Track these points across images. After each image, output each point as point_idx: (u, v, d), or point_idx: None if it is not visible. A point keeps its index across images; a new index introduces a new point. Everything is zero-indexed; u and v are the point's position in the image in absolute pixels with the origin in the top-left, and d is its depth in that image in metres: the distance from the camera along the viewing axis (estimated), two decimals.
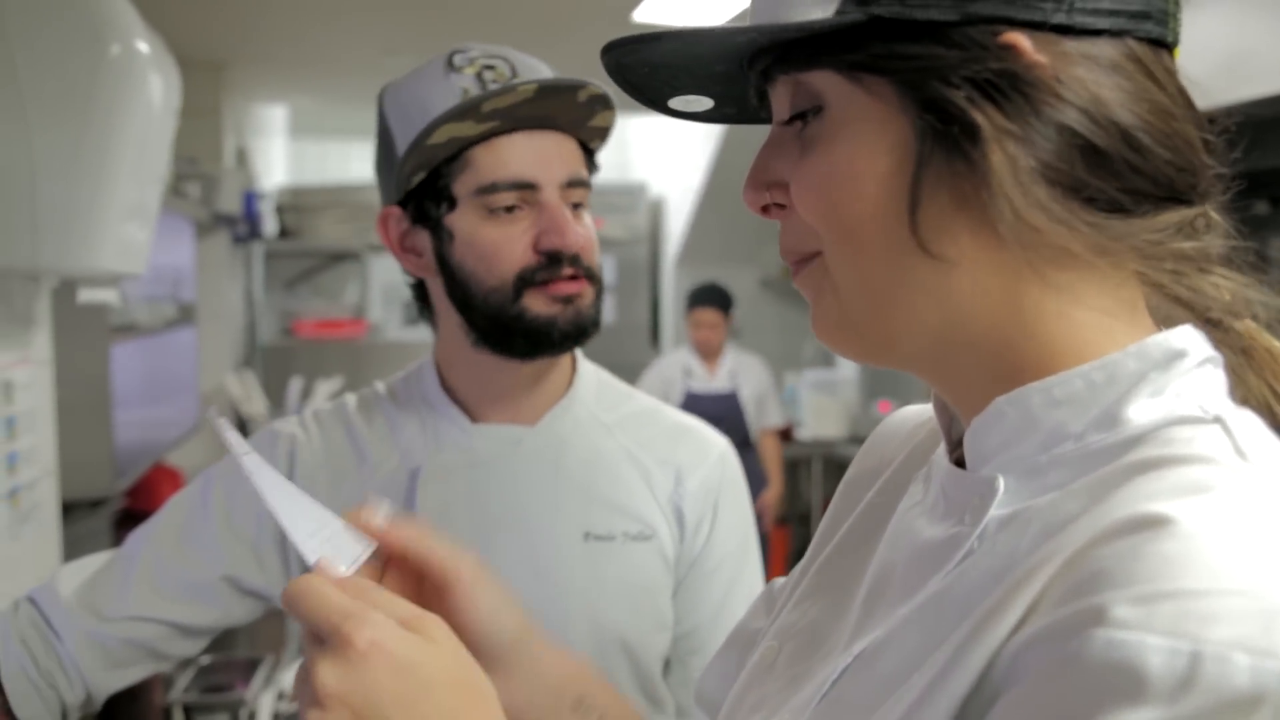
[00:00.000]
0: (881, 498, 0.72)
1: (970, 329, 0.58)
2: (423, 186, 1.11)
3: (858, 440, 4.92)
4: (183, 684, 2.21)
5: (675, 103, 0.67)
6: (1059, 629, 0.46)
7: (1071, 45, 0.55)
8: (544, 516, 1.14)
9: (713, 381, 4.45)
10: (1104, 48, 0.55)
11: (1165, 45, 0.57)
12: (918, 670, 0.53)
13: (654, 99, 0.66)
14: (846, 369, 5.46)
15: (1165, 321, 0.58)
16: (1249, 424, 0.54)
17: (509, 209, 1.08)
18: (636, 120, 6.67)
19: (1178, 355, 0.55)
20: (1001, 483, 0.57)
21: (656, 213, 6.60)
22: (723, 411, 4.42)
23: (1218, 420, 0.53)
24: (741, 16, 0.64)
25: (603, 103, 1.10)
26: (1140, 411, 0.54)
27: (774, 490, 4.53)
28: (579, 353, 1.23)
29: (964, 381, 0.60)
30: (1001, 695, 0.48)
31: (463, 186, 1.09)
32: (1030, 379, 0.57)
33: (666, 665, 1.18)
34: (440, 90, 1.08)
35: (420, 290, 1.19)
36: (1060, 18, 0.54)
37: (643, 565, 1.15)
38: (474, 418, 1.17)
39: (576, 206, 1.12)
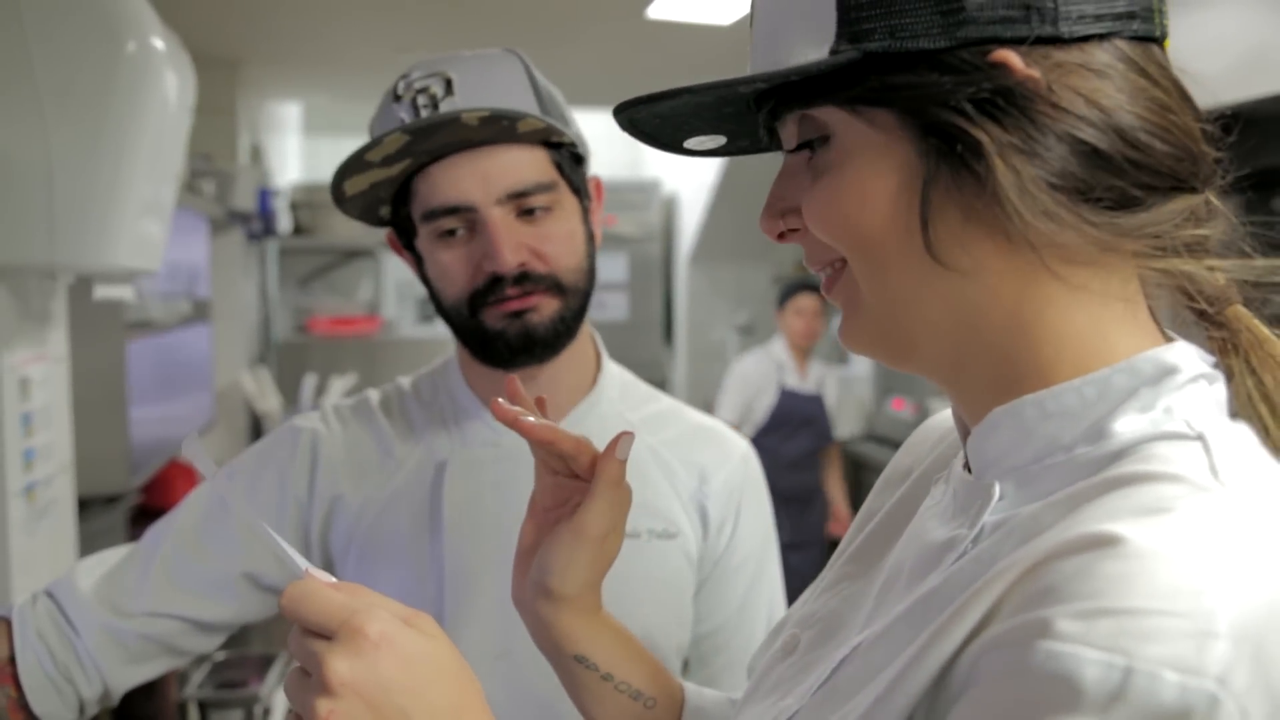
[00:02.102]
0: (908, 496, 0.75)
1: (983, 336, 0.60)
2: (393, 215, 1.15)
3: (872, 438, 4.91)
4: (197, 680, 2.22)
5: (691, 143, 0.71)
6: (1010, 637, 0.49)
7: (1062, 55, 0.57)
8: None
9: (804, 382, 4.40)
10: (1094, 53, 0.57)
11: (1154, 40, 0.59)
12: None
13: (669, 143, 0.70)
14: (860, 367, 5.45)
15: (1171, 325, 0.60)
16: (1233, 442, 0.55)
17: (451, 232, 1.10)
18: None
19: (1169, 371, 0.57)
20: (998, 489, 0.60)
21: (670, 210, 6.60)
22: (813, 412, 4.36)
23: (1200, 438, 0.55)
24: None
25: (506, 116, 1.06)
26: (1127, 426, 0.57)
27: (837, 505, 4.46)
28: (604, 351, 1.23)
29: (973, 387, 0.63)
30: (961, 696, 0.51)
31: (415, 213, 1.12)
32: (1031, 388, 0.59)
33: (685, 665, 1.18)
34: (388, 121, 1.10)
35: None
36: (1047, 30, 0.56)
37: (668, 563, 1.15)
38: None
39: (531, 212, 1.10)
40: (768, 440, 4.24)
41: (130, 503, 2.47)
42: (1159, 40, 0.59)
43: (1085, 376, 0.58)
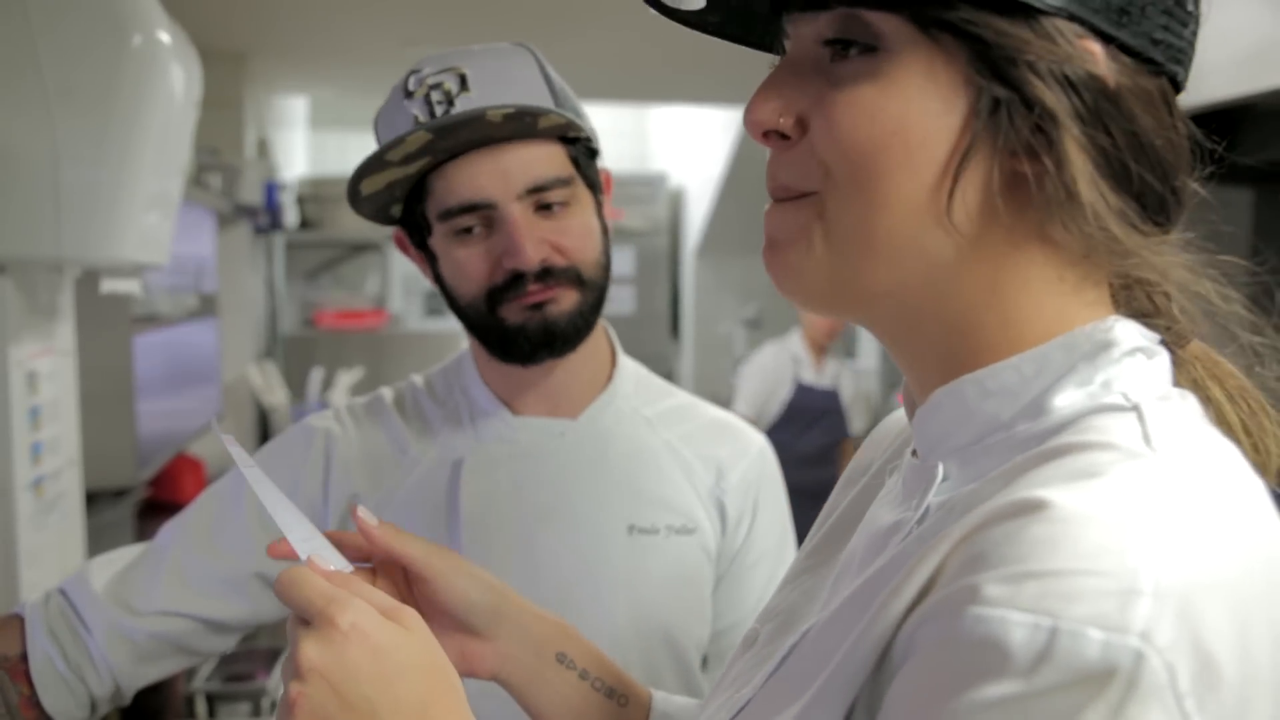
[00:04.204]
0: (866, 489, 0.75)
1: (948, 304, 0.59)
2: (405, 213, 1.14)
3: None
4: (205, 673, 2.23)
5: None
6: (941, 607, 0.49)
7: (1127, 63, 0.56)
8: (588, 509, 1.14)
9: (820, 377, 4.40)
10: (1147, 77, 0.57)
11: (1178, 88, 0.60)
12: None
13: None
14: (868, 360, 5.44)
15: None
16: (1168, 412, 0.56)
17: (468, 229, 1.08)
18: (657, 111, 6.66)
19: (1104, 346, 0.58)
20: (941, 470, 0.60)
21: (677, 203, 6.59)
22: (828, 407, 4.36)
23: (1135, 409, 0.55)
24: None
25: (530, 113, 1.05)
26: (1065, 401, 0.57)
27: None
28: (619, 346, 1.23)
29: (921, 357, 0.63)
30: (900, 669, 0.51)
31: (430, 212, 1.10)
32: (978, 366, 0.59)
33: (704, 662, 1.18)
34: (400, 118, 1.08)
35: None
36: (1130, 39, 0.56)
37: (686, 559, 1.15)
38: (515, 410, 1.17)
39: (548, 207, 1.09)
40: (782, 435, 4.23)
41: (138, 496, 2.47)
42: (1180, 90, 0.60)
43: (1022, 354, 0.58)
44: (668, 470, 1.17)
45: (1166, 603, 0.45)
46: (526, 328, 1.09)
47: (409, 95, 1.08)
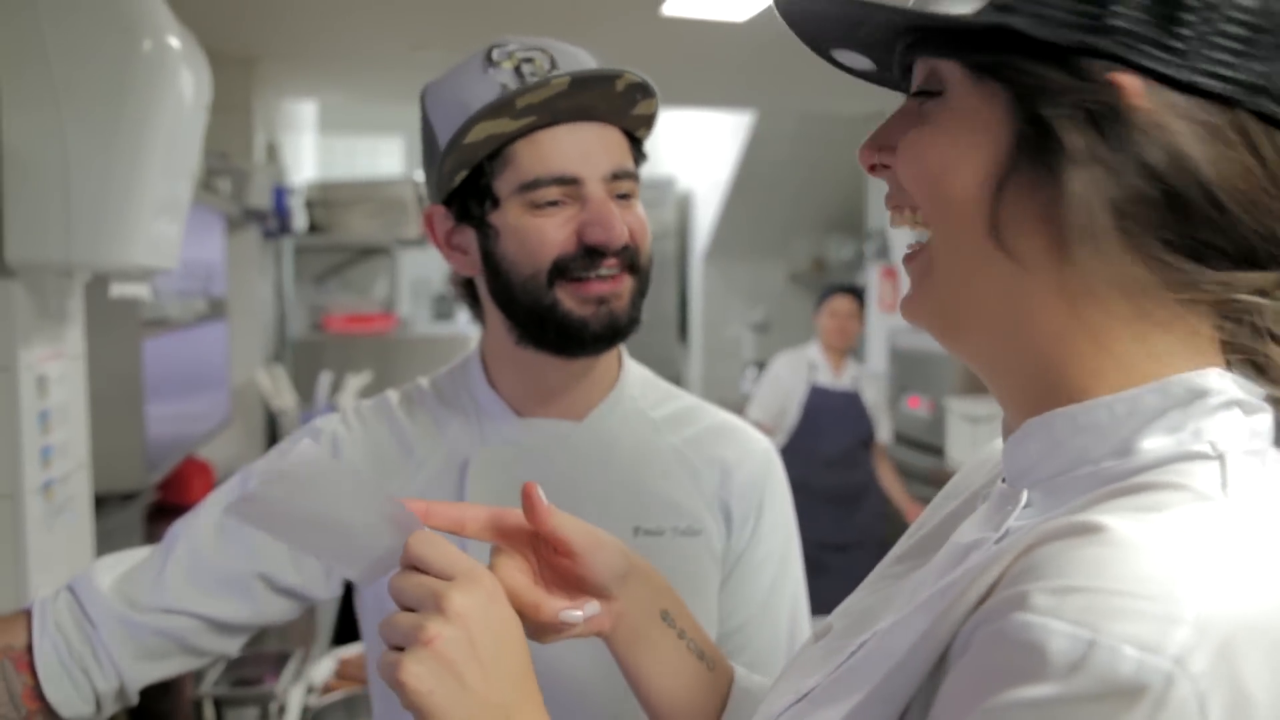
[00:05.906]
0: (959, 511, 0.77)
1: (1029, 334, 0.62)
2: (466, 185, 1.11)
3: None
4: (213, 677, 2.23)
5: (838, 54, 0.72)
6: (993, 612, 0.52)
7: (1179, 99, 0.57)
8: (594, 511, 1.13)
9: (838, 380, 4.37)
10: (1211, 110, 0.58)
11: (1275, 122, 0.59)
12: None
13: (818, 46, 0.71)
14: (875, 364, 5.44)
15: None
16: (1254, 467, 0.57)
17: (553, 203, 1.08)
18: (664, 115, 6.67)
19: (1199, 394, 0.58)
20: (1025, 496, 0.63)
21: (684, 207, 6.60)
22: (847, 408, 4.32)
23: (1219, 458, 0.57)
24: None
25: (642, 90, 1.09)
26: (1154, 444, 0.58)
27: (901, 505, 4.38)
28: (624, 349, 1.23)
29: (1011, 387, 0.65)
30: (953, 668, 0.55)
31: (505, 184, 1.09)
32: (1067, 400, 0.61)
33: None
34: (479, 87, 1.08)
35: (469, 287, 1.19)
36: (1172, 72, 0.57)
37: (692, 561, 1.15)
38: (520, 413, 1.17)
39: (623, 197, 1.12)
40: (803, 440, 4.20)
41: (147, 500, 2.48)
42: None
43: (1117, 394, 0.59)
44: (673, 472, 1.17)
45: (1206, 635, 0.47)
46: (591, 323, 1.09)
47: (493, 64, 1.08)
